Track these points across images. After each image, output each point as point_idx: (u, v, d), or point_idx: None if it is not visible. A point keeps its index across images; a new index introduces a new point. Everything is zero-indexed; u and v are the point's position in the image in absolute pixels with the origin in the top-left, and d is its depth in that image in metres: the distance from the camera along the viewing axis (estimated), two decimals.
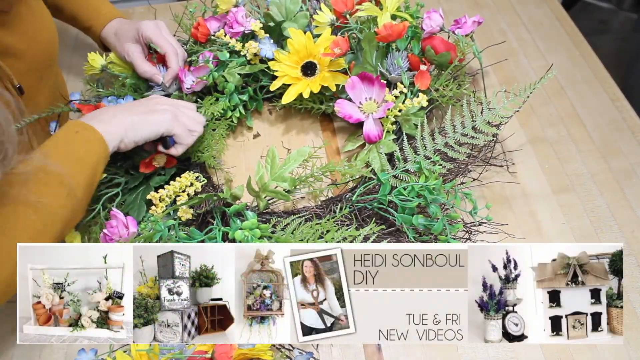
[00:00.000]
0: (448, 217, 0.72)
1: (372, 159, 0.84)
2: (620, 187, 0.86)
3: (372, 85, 0.86)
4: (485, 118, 0.83)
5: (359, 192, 0.78)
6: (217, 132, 0.88)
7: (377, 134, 0.85)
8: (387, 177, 0.78)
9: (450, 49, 0.88)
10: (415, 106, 0.85)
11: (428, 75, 0.87)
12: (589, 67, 1.03)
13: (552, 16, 1.13)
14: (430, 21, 0.90)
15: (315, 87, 0.87)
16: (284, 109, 0.98)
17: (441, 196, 0.73)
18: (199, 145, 0.85)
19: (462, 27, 0.92)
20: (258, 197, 0.79)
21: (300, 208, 0.81)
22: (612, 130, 0.93)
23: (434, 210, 0.72)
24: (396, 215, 0.74)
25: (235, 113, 0.92)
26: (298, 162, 0.77)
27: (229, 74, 0.88)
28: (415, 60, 0.89)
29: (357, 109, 0.87)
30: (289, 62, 0.90)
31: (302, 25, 0.93)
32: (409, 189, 0.75)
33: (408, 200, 0.74)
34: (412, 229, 0.74)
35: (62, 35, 1.15)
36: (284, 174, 0.77)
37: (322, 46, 0.88)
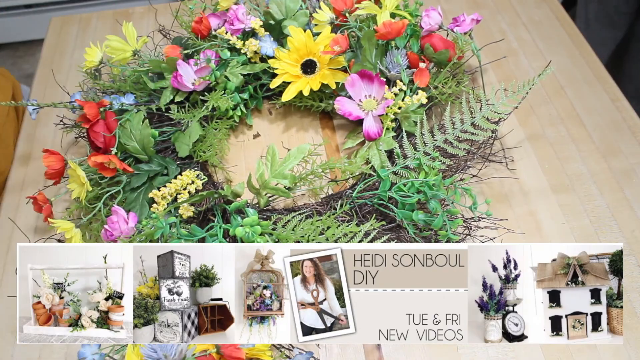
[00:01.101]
0: (448, 213, 0.73)
1: (371, 156, 0.84)
2: (620, 187, 0.86)
3: (371, 82, 0.86)
4: (483, 114, 0.83)
5: (359, 189, 0.79)
6: (220, 131, 0.89)
7: (377, 131, 0.85)
8: (387, 173, 0.78)
9: (449, 47, 0.88)
10: (414, 103, 0.85)
11: (427, 73, 0.87)
12: (589, 67, 1.03)
13: (552, 16, 1.13)
14: (429, 19, 0.90)
15: (315, 84, 0.88)
16: (284, 107, 0.98)
17: (441, 192, 0.73)
18: (201, 145, 0.85)
19: (460, 25, 0.93)
20: (258, 195, 0.79)
21: (301, 205, 0.81)
22: (612, 130, 0.93)
23: (434, 206, 0.73)
24: (396, 211, 0.75)
25: (237, 112, 0.92)
26: (298, 159, 0.77)
27: (232, 74, 0.89)
28: (414, 58, 0.89)
29: (356, 107, 0.87)
30: (289, 60, 0.90)
31: (302, 24, 0.93)
32: (409, 185, 0.75)
33: (408, 196, 0.74)
34: (412, 224, 0.74)
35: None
36: (284, 171, 0.77)
37: (322, 44, 0.89)
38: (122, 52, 0.92)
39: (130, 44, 0.93)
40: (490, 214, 0.74)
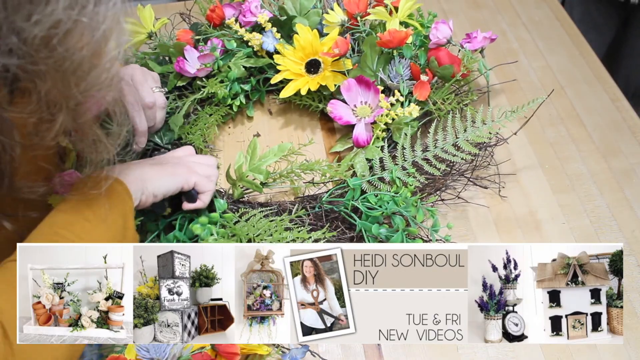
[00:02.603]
0: (407, 232, 0.72)
1: (356, 162, 0.83)
2: (620, 187, 0.86)
3: (368, 89, 0.85)
4: (467, 136, 0.80)
5: (330, 194, 0.79)
6: (213, 117, 0.90)
7: (367, 139, 0.84)
8: (357, 182, 0.77)
9: (454, 62, 0.86)
10: (406, 116, 0.83)
11: (428, 86, 0.85)
12: (589, 67, 1.03)
13: (552, 16, 1.13)
14: (437, 32, 0.88)
15: (314, 85, 0.88)
16: (285, 106, 0.99)
17: (410, 209, 0.72)
18: (190, 127, 0.87)
19: (471, 42, 0.90)
20: (234, 186, 0.80)
21: (275, 202, 0.82)
22: (612, 130, 0.93)
23: (397, 222, 0.72)
24: (358, 221, 0.74)
25: (236, 101, 0.93)
26: (278, 157, 0.78)
27: (234, 65, 0.89)
28: (416, 69, 0.88)
29: (350, 112, 0.86)
30: (293, 57, 0.90)
31: (313, 23, 0.93)
32: (379, 197, 0.75)
33: (374, 208, 0.74)
34: (373, 237, 0.73)
35: None
36: (261, 166, 0.77)
37: (327, 45, 0.89)
38: (137, 35, 0.93)
39: (145, 27, 0.93)
40: (449, 239, 0.73)
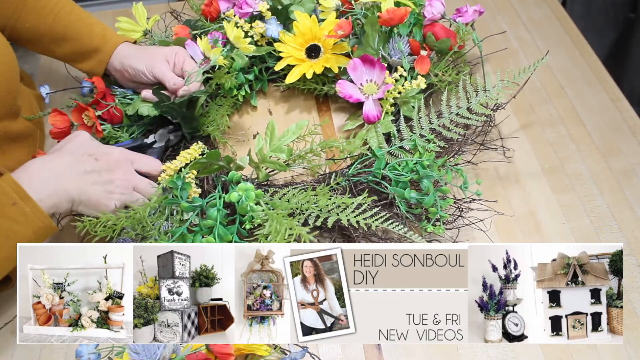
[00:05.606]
0: (439, 192, 0.74)
1: (370, 137, 0.86)
2: (620, 187, 0.86)
3: (373, 67, 0.88)
4: (479, 100, 0.85)
5: (354, 167, 0.81)
6: (223, 108, 0.92)
7: (376, 114, 0.87)
8: (382, 152, 0.81)
9: (450, 36, 0.91)
10: (413, 89, 0.87)
11: (428, 61, 0.89)
12: (589, 67, 1.03)
13: (552, 16, 1.13)
14: (431, 8, 0.93)
15: (318, 68, 0.91)
16: (287, 91, 1.01)
17: (434, 172, 0.75)
18: (204, 120, 0.90)
19: (463, 16, 0.94)
20: (257, 169, 0.81)
21: (298, 182, 0.83)
22: (612, 130, 0.93)
23: (426, 185, 0.74)
24: (389, 188, 0.76)
25: (241, 92, 0.96)
26: (296, 135, 0.79)
27: (237, 55, 0.90)
28: (416, 45, 0.91)
29: (357, 90, 0.89)
30: (294, 44, 0.93)
31: (308, 9, 0.96)
32: (403, 165, 0.77)
33: (402, 174, 0.76)
34: (405, 202, 0.76)
35: None
36: (282, 146, 0.79)
37: (327, 29, 0.92)
38: (133, 33, 0.94)
39: (140, 24, 0.94)
40: (480, 193, 0.76)
